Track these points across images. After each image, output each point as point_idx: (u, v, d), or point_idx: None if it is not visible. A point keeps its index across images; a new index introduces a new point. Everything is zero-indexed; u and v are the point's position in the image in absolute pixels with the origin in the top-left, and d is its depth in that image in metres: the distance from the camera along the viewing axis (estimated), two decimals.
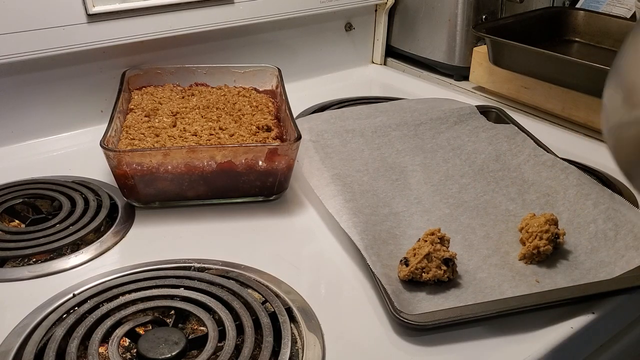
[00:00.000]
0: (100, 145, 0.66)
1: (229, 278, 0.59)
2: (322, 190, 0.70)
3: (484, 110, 0.90)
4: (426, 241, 0.59)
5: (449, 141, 0.83)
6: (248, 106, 0.81)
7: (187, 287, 0.57)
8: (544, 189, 0.73)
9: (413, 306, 0.55)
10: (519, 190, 0.74)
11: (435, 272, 0.57)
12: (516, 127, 0.84)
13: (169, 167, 0.67)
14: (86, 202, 0.71)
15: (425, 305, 0.56)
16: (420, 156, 0.80)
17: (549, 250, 0.61)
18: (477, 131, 0.85)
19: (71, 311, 0.54)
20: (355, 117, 0.86)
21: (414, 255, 0.58)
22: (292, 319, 0.55)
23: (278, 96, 0.85)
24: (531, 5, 1.14)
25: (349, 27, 1.14)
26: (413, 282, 0.58)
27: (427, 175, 0.77)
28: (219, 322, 0.53)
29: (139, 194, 0.69)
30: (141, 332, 0.53)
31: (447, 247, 0.60)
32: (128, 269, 0.60)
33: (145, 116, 0.77)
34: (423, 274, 0.57)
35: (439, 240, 0.59)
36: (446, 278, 0.58)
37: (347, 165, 0.77)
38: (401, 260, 0.59)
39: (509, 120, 0.88)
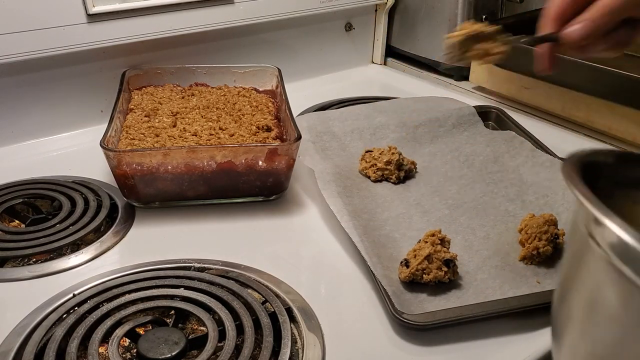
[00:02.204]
0: (100, 145, 0.66)
1: (228, 278, 0.59)
2: (323, 185, 0.70)
3: (483, 111, 0.90)
4: (427, 242, 0.59)
5: (447, 144, 0.83)
6: (248, 106, 0.81)
7: (187, 287, 0.57)
8: (542, 189, 0.73)
9: (414, 307, 0.55)
10: (518, 191, 0.74)
11: (436, 273, 0.57)
12: (514, 133, 0.84)
13: (169, 167, 0.67)
14: (86, 202, 0.71)
15: (427, 306, 0.56)
16: (419, 159, 0.80)
17: (549, 251, 0.61)
18: (474, 136, 0.85)
19: (71, 311, 0.54)
20: (354, 118, 0.86)
21: (415, 256, 0.58)
22: (292, 319, 0.55)
23: (278, 96, 0.85)
24: (531, 5, 1.14)
25: (349, 27, 1.14)
26: (414, 284, 0.58)
27: (426, 177, 0.77)
28: (219, 322, 0.53)
29: (139, 194, 0.69)
30: (141, 332, 0.53)
31: (448, 248, 0.60)
32: (128, 269, 0.60)
33: (145, 116, 0.77)
34: (424, 275, 0.57)
35: (439, 242, 0.59)
36: (447, 279, 0.58)
37: (346, 168, 0.77)
38: (402, 262, 0.59)
39: (509, 120, 0.89)
